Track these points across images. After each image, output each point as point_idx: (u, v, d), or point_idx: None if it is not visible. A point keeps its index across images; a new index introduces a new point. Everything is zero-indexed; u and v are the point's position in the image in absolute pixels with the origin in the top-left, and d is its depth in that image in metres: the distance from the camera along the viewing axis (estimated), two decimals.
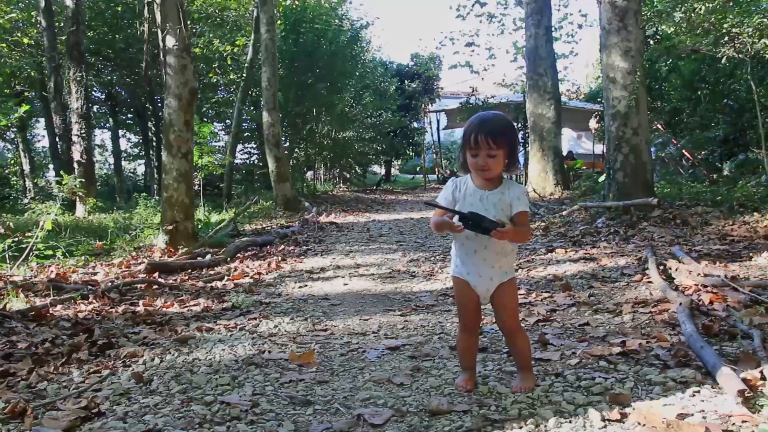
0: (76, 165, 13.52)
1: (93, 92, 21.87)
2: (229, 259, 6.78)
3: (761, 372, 2.26)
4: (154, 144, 21.93)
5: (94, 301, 4.48)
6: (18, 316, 3.80)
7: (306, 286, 5.27)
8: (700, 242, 5.67)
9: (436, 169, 25.96)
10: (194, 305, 4.47)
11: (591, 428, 1.99)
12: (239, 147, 20.44)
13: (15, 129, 21.92)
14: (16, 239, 6.05)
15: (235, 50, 18.60)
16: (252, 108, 19.99)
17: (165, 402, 2.40)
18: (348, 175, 23.46)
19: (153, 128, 22.20)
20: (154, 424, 2.14)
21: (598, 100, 17.43)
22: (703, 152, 13.44)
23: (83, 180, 12.44)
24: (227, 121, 22.68)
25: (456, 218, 2.23)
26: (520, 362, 2.43)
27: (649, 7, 10.98)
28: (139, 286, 5.14)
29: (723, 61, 10.42)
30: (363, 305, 4.42)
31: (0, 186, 21.92)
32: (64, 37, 14.59)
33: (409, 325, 3.64)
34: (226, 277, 5.71)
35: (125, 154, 29.26)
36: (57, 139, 15.71)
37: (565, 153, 15.78)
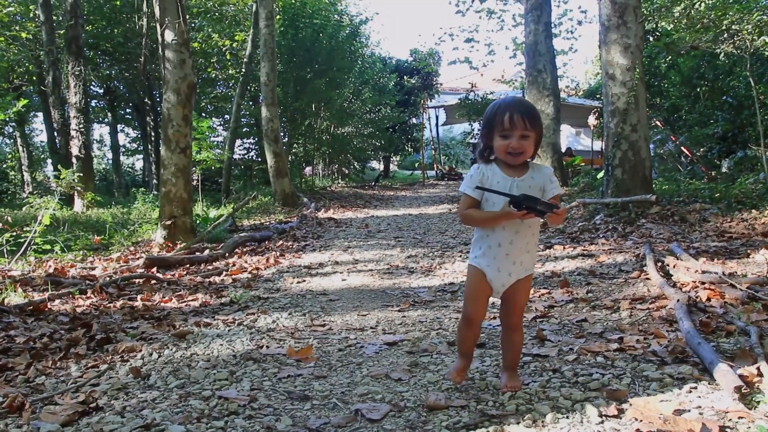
0: (74, 159, 13.50)
1: (91, 87, 21.82)
2: (227, 254, 6.78)
3: (758, 368, 2.27)
4: (153, 139, 21.90)
5: (92, 295, 4.48)
6: (16, 310, 3.80)
7: (304, 281, 5.27)
8: (698, 239, 5.68)
9: (435, 165, 25.94)
10: (192, 300, 4.47)
11: (588, 424, 1.99)
12: (238, 142, 20.41)
13: (13, 123, 21.88)
14: (15, 234, 6.05)
15: (233, 45, 18.56)
16: (251, 103, 19.97)
17: (163, 397, 2.40)
18: (347, 171, 23.45)
19: (151, 123, 22.16)
20: (151, 418, 2.14)
21: (597, 96, 17.43)
22: (701, 149, 13.44)
23: (81, 175, 12.44)
24: (226, 116, 22.65)
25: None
26: (511, 361, 2.37)
27: (648, 3, 10.96)
28: (137, 281, 5.14)
29: (722, 57, 10.42)
30: (361, 301, 4.42)
31: None
32: (62, 31, 14.56)
33: (407, 321, 3.65)
34: (224, 273, 5.71)
35: (123, 149, 29.24)
36: (55, 134, 15.68)
37: (563, 149, 15.79)
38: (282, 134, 15.33)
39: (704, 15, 9.04)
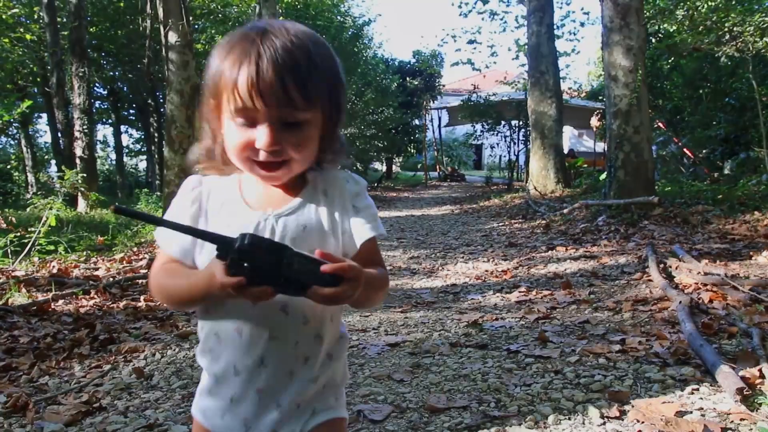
0: (78, 160, 13.54)
1: (95, 88, 21.90)
2: None
3: (760, 370, 2.27)
4: (156, 140, 21.96)
5: (95, 296, 4.49)
6: (20, 310, 3.81)
7: None
8: (701, 241, 5.67)
9: (437, 167, 25.97)
10: None
11: (590, 425, 2.00)
12: None
13: (17, 124, 21.97)
14: (19, 234, 6.06)
15: None
16: None
17: (166, 397, 2.41)
18: (349, 172, 23.49)
19: (155, 124, 22.23)
20: (154, 419, 2.15)
21: (600, 98, 17.42)
22: (704, 151, 13.43)
23: (85, 175, 12.45)
24: None
25: (219, 266, 0.87)
26: None
27: (651, 5, 10.97)
28: (140, 281, 5.15)
29: (724, 59, 10.41)
30: None
31: (2, 181, 21.97)
32: (66, 33, 14.61)
33: (409, 322, 3.65)
34: None
35: (127, 150, 29.33)
36: (59, 135, 15.73)
37: (566, 151, 15.79)
38: None
39: (706, 17, 9.04)
